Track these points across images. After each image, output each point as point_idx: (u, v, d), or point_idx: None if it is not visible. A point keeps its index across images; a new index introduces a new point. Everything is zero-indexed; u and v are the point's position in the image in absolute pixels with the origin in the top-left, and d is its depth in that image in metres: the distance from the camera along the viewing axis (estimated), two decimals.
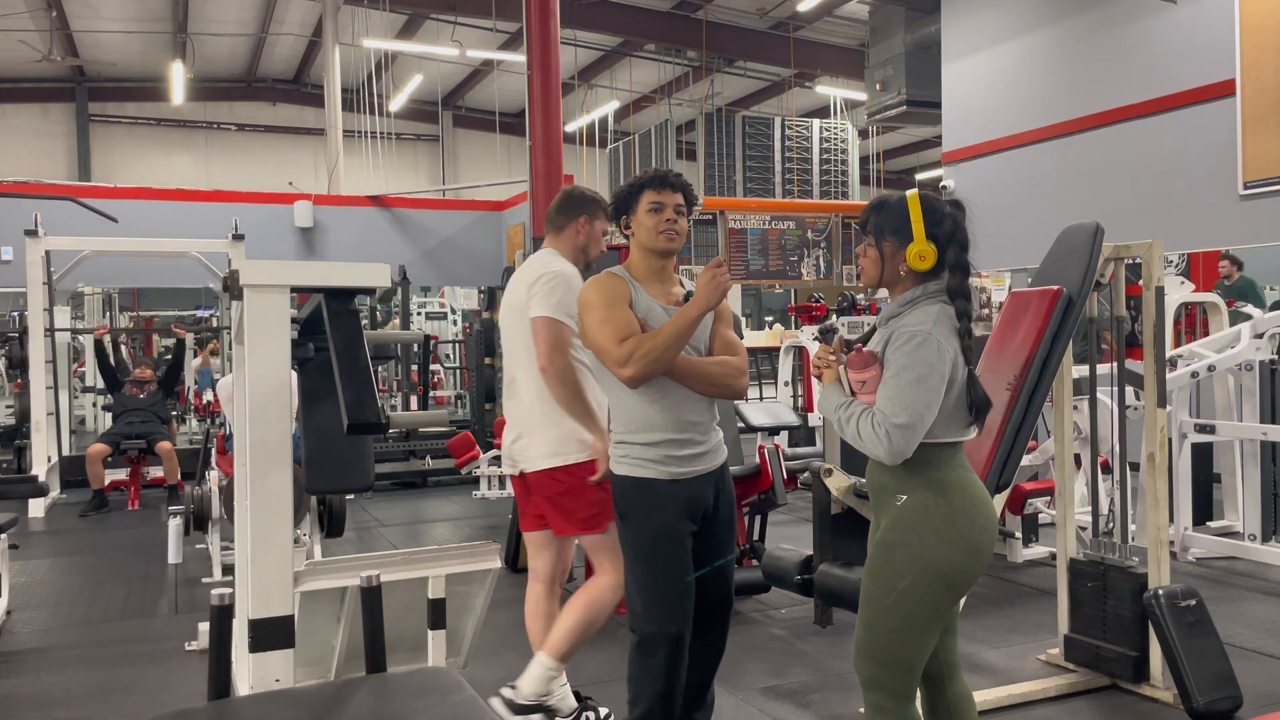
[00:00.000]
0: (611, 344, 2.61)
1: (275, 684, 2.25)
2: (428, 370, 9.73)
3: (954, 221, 2.27)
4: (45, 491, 5.95)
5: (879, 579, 2.27)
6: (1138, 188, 8.42)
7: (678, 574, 2.67)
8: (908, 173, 23.45)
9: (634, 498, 2.68)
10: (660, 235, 2.75)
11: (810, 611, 4.19)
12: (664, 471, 2.66)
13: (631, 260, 2.83)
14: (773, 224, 13.70)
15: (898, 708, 2.27)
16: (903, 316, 2.26)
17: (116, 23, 15.77)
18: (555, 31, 10.01)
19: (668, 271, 2.83)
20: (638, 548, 2.70)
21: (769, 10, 15.06)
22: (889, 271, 2.31)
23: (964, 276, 2.25)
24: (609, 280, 2.74)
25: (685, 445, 2.69)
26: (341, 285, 2.39)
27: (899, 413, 2.15)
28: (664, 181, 2.78)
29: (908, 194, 2.28)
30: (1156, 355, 3.51)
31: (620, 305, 2.67)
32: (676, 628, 2.66)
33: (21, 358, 8.55)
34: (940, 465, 2.24)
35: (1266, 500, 5.28)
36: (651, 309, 2.72)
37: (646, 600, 2.68)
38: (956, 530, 2.21)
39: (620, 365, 2.58)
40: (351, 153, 15.55)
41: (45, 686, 3.93)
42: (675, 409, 2.67)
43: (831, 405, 2.32)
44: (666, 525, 2.66)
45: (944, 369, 2.19)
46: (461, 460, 8.07)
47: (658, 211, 2.75)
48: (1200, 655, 3.29)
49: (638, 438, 2.68)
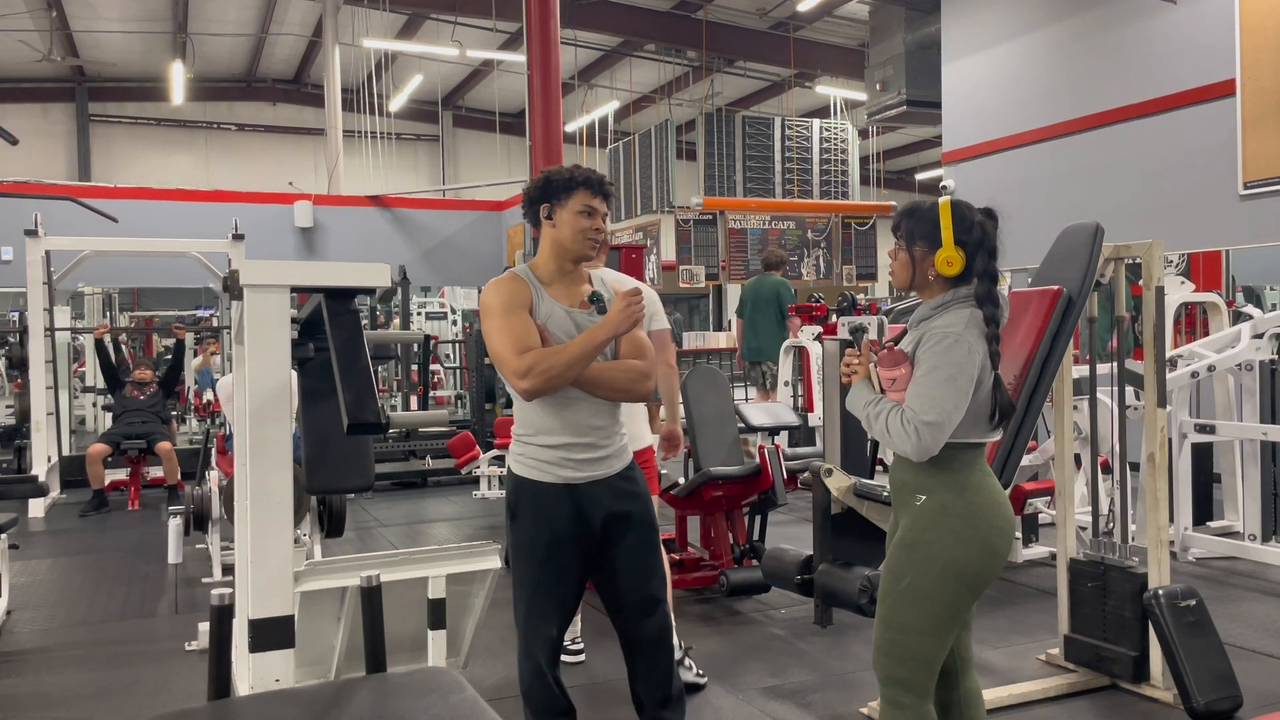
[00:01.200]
0: (510, 354, 2.53)
1: (275, 684, 2.25)
2: (428, 370, 9.72)
3: (983, 230, 2.33)
4: (45, 491, 5.95)
5: (898, 578, 2.30)
6: (1138, 188, 8.42)
7: (561, 579, 2.65)
8: (908, 173, 23.46)
9: (525, 499, 2.65)
10: (586, 240, 2.70)
11: (810, 611, 4.18)
12: (557, 475, 2.62)
13: (540, 256, 2.75)
14: (773, 224, 13.69)
15: (915, 704, 2.29)
16: (934, 319, 2.31)
17: (116, 23, 15.78)
18: (555, 31, 10.02)
19: (578, 272, 2.77)
20: (524, 549, 2.67)
21: (769, 10, 15.06)
22: (919, 275, 2.37)
23: (992, 283, 2.32)
24: (510, 283, 2.67)
25: (585, 449, 2.64)
26: (341, 285, 2.39)
27: (928, 410, 2.19)
28: (600, 187, 2.71)
29: (940, 201, 2.35)
30: (1156, 355, 3.51)
31: (519, 311, 2.60)
32: (553, 630, 2.66)
33: (22, 358, 8.55)
34: (962, 467, 2.28)
35: (1266, 500, 5.28)
36: (553, 314, 2.65)
37: (527, 602, 2.67)
38: (975, 531, 2.25)
39: (518, 377, 2.51)
40: (351, 153, 15.56)
41: (45, 686, 3.93)
42: (575, 413, 2.63)
43: (861, 402, 2.36)
44: (555, 530, 2.62)
45: (973, 370, 2.24)
46: (461, 460, 8.07)
47: (589, 216, 2.69)
48: (1200, 655, 3.29)
49: (536, 440, 2.64)
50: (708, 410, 5.06)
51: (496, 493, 7.99)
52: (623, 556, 2.71)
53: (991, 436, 2.33)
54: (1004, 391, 2.30)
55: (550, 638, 2.67)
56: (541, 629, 2.66)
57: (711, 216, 13.54)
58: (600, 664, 3.94)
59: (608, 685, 3.72)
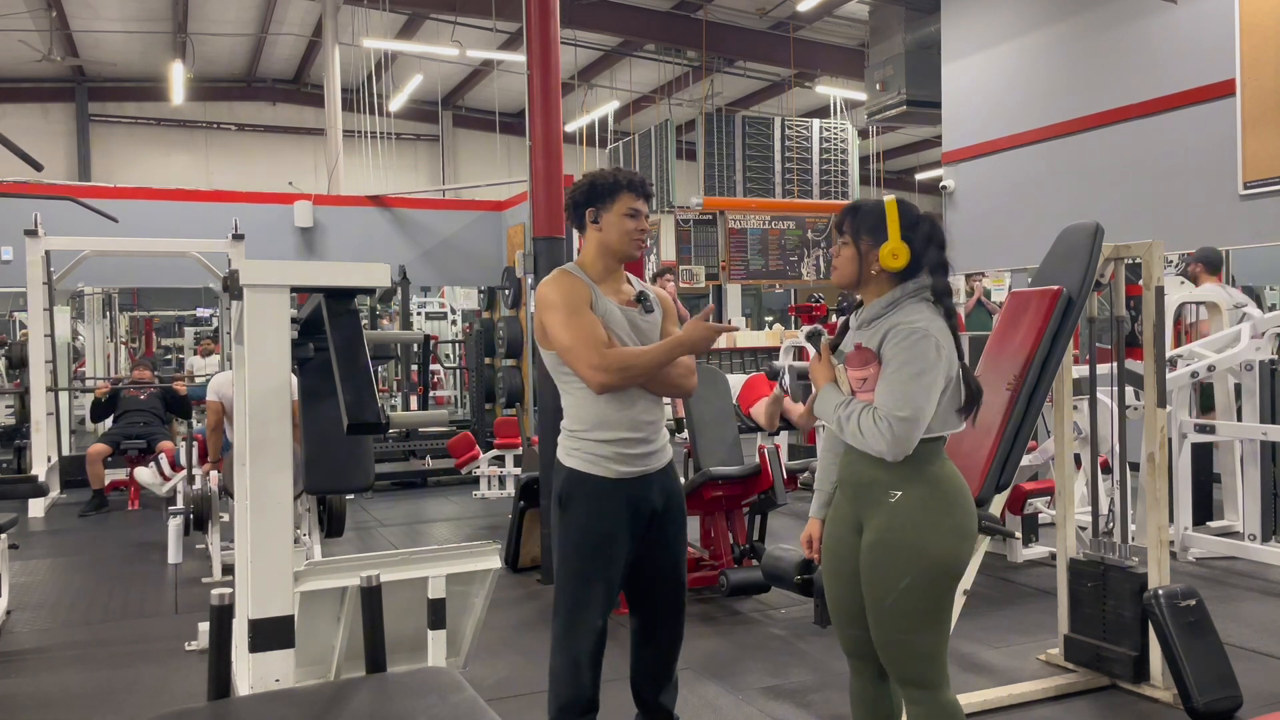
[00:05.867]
0: (587, 349, 2.61)
1: (275, 684, 2.25)
2: (428, 370, 9.72)
3: (930, 223, 2.36)
4: (45, 491, 5.96)
5: (885, 580, 2.28)
6: (1138, 188, 8.42)
7: (607, 570, 2.72)
8: (908, 173, 23.45)
9: (579, 491, 2.72)
10: (633, 242, 2.76)
11: (810, 611, 4.19)
12: (611, 470, 2.70)
13: (587, 257, 2.81)
14: (773, 224, 13.70)
15: (932, 697, 2.29)
16: (890, 315, 2.30)
17: (116, 23, 15.77)
18: (555, 31, 9.99)
19: (620, 272, 2.84)
20: (573, 540, 2.74)
21: (769, 10, 15.06)
22: (864, 270, 2.37)
23: (945, 275, 2.34)
24: (568, 280, 2.73)
25: (638, 444, 2.72)
26: (341, 285, 2.38)
27: (901, 406, 2.19)
28: (644, 190, 2.79)
29: (885, 199, 2.37)
30: (1156, 355, 3.51)
31: (584, 308, 2.67)
32: (599, 621, 2.74)
33: (22, 358, 8.55)
34: (932, 459, 2.29)
35: (1266, 500, 5.28)
36: (610, 311, 2.72)
37: (574, 594, 2.74)
38: (952, 520, 2.27)
39: (598, 371, 2.59)
40: (351, 153, 15.55)
41: (45, 686, 3.93)
42: (631, 408, 2.70)
43: (830, 405, 2.34)
44: (607, 522, 2.70)
45: (942, 364, 2.24)
46: (461, 460, 8.08)
47: (634, 218, 2.76)
48: (1200, 655, 3.29)
49: (592, 434, 2.71)
50: (708, 410, 5.06)
51: (496, 493, 8.00)
52: (660, 550, 2.81)
53: (959, 428, 2.34)
54: (973, 378, 2.31)
55: (596, 628, 2.74)
56: (588, 619, 2.73)
57: (711, 216, 13.54)
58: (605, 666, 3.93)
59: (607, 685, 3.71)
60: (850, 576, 2.38)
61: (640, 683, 2.90)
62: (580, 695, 2.76)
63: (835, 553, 2.44)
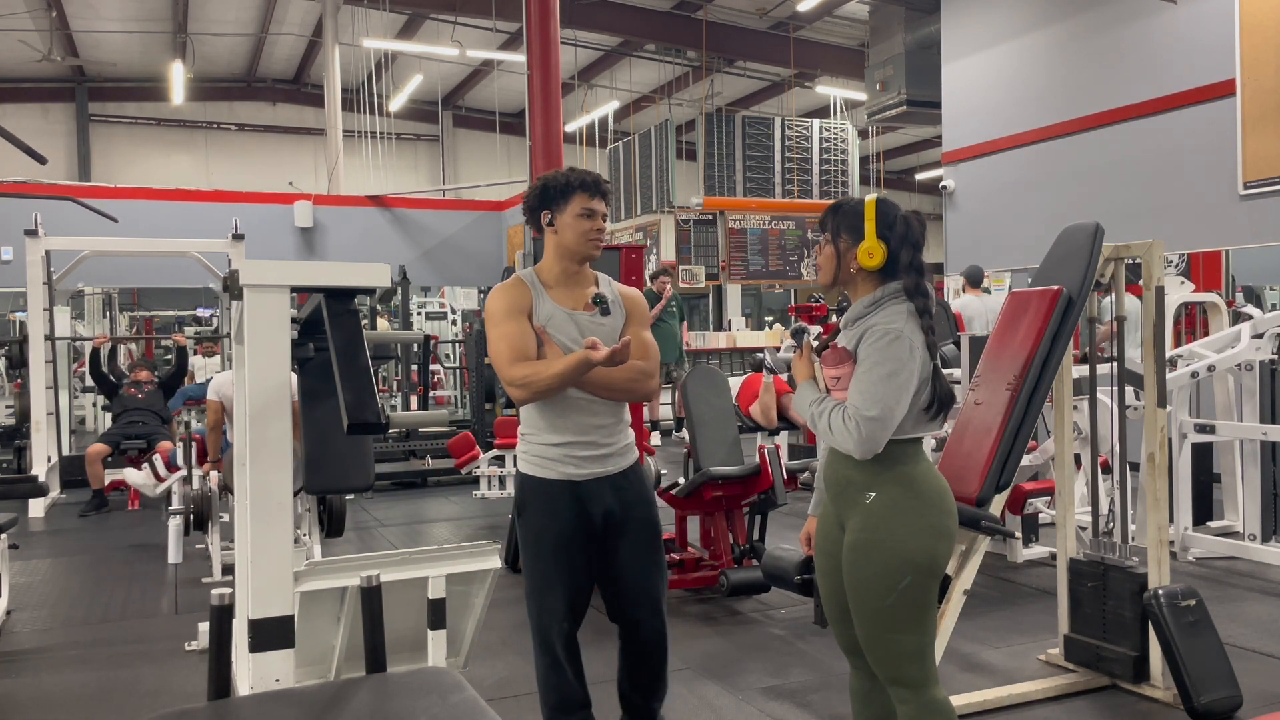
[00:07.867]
0: (505, 363, 2.63)
1: (275, 684, 2.25)
2: (428, 370, 9.72)
3: (908, 224, 2.36)
4: (45, 491, 5.95)
5: (864, 581, 2.29)
6: (1138, 188, 8.42)
7: (567, 574, 2.72)
8: (908, 173, 23.47)
9: (532, 496, 2.74)
10: (590, 242, 2.74)
11: (810, 611, 4.19)
12: (561, 472, 2.70)
13: (545, 260, 2.79)
14: (772, 224, 13.71)
15: (918, 696, 2.29)
16: (870, 316, 2.32)
17: (116, 23, 15.78)
18: (555, 31, 10.01)
19: (583, 273, 2.80)
20: (531, 544, 2.75)
21: (769, 10, 15.06)
22: (843, 269, 2.39)
23: (919, 276, 2.35)
24: (512, 289, 2.73)
25: (588, 447, 2.71)
26: (341, 285, 2.38)
27: (870, 406, 2.21)
28: (597, 188, 2.75)
29: (865, 198, 2.38)
30: (1156, 355, 3.51)
31: (518, 318, 2.67)
32: (566, 624, 2.73)
33: (22, 358, 8.55)
34: (908, 460, 2.30)
35: (1266, 500, 5.28)
36: (554, 316, 2.70)
37: (539, 597, 2.74)
38: (928, 520, 2.27)
39: (512, 386, 2.62)
40: (351, 153, 15.56)
41: (45, 686, 3.93)
42: (577, 414, 2.69)
43: (805, 401, 2.38)
44: (560, 524, 2.70)
45: (914, 366, 2.25)
46: (461, 460, 8.07)
47: (589, 218, 2.73)
48: (1200, 655, 3.29)
49: (540, 439, 2.72)
50: (708, 410, 5.06)
51: (496, 492, 7.99)
52: (624, 556, 2.78)
53: (932, 428, 2.34)
54: (943, 381, 2.32)
55: (564, 631, 2.74)
56: (554, 623, 2.73)
57: (711, 216, 13.55)
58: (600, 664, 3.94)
59: (605, 685, 3.71)
60: (839, 574, 2.40)
61: (627, 690, 2.89)
62: (568, 695, 2.77)
63: (825, 551, 2.45)
